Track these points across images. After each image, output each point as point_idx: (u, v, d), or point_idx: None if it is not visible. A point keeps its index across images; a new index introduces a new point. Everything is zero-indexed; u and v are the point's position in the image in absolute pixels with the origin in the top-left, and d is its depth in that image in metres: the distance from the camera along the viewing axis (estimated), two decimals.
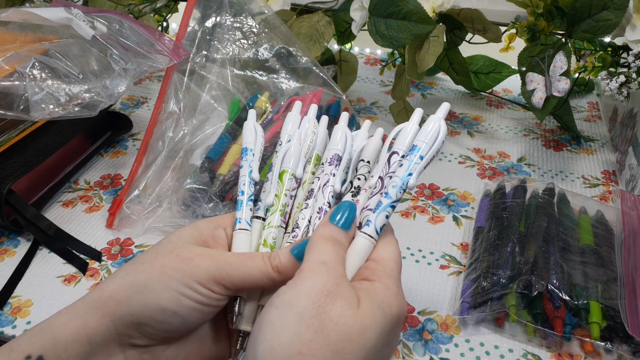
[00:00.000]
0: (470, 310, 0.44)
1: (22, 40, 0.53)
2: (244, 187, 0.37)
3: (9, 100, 0.46)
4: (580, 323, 0.42)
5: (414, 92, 0.81)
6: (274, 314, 0.27)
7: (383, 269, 0.31)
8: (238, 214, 0.36)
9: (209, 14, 0.62)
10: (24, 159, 0.53)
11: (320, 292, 0.27)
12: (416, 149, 0.33)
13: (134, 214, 0.54)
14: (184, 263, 0.30)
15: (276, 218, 0.36)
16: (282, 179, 0.37)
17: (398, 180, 0.33)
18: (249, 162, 0.38)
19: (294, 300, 0.27)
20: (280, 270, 0.31)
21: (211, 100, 0.61)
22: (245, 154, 0.39)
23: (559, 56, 0.55)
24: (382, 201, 0.32)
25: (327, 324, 0.26)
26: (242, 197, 0.37)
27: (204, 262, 0.30)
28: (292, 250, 0.32)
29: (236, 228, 0.36)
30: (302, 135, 0.39)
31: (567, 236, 0.48)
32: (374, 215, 0.32)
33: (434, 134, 0.33)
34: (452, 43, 0.67)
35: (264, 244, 0.35)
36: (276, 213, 0.36)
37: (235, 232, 0.35)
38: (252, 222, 0.37)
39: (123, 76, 0.52)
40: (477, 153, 0.66)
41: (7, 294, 0.47)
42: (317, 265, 0.29)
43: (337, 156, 0.37)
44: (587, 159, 0.66)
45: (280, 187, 0.37)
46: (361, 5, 0.62)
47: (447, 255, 0.51)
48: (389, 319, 0.28)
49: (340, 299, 0.27)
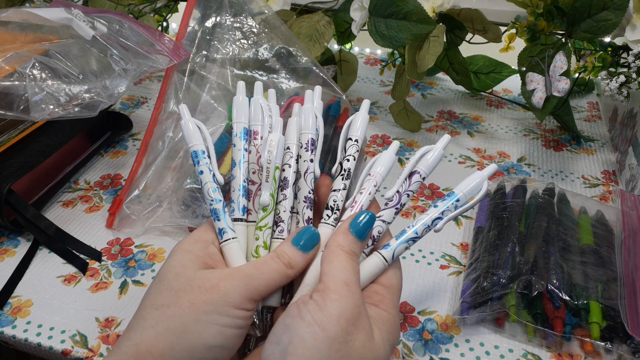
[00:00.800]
0: (470, 310, 0.44)
1: (22, 40, 0.53)
2: (214, 194, 0.35)
3: (9, 101, 0.46)
4: (580, 323, 0.42)
5: (414, 92, 0.81)
6: (306, 331, 0.27)
7: (391, 297, 0.32)
8: (219, 224, 0.34)
9: (209, 14, 0.62)
10: (24, 159, 0.53)
11: (348, 320, 0.28)
12: (454, 197, 0.34)
13: (134, 214, 0.54)
14: (211, 293, 0.30)
15: (272, 218, 0.35)
16: (275, 177, 0.36)
17: (428, 219, 0.34)
18: (207, 166, 0.35)
19: (326, 324, 0.28)
20: (292, 265, 0.32)
21: (211, 100, 0.61)
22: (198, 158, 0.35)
23: (559, 56, 0.55)
24: (406, 231, 0.34)
25: (352, 353, 0.28)
26: (218, 205, 0.35)
27: (229, 284, 0.30)
28: (292, 242, 0.32)
29: (222, 240, 0.34)
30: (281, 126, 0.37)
31: (567, 236, 0.48)
32: (396, 243, 0.33)
33: (475, 190, 0.35)
34: (452, 43, 0.67)
35: (264, 246, 0.35)
36: (272, 213, 0.35)
37: (223, 245, 0.34)
38: (235, 227, 0.35)
39: (123, 76, 0.52)
40: (477, 153, 0.66)
41: (7, 294, 0.47)
42: (342, 287, 0.29)
43: (311, 140, 0.37)
44: (587, 159, 0.66)
45: (274, 185, 0.35)
46: (361, 5, 0.62)
47: (447, 255, 0.51)
48: (391, 347, 0.31)
49: (362, 330, 0.29)
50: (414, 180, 0.35)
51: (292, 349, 0.27)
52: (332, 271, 0.30)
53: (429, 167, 0.36)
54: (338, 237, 0.32)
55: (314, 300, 0.29)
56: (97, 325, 0.45)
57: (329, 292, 0.29)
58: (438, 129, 0.71)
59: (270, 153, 0.35)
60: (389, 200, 0.35)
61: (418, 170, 0.35)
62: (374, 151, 0.67)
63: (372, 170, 0.36)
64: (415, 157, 0.36)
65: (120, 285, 0.48)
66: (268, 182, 0.35)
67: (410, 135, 0.70)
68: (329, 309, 0.28)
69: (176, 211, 0.53)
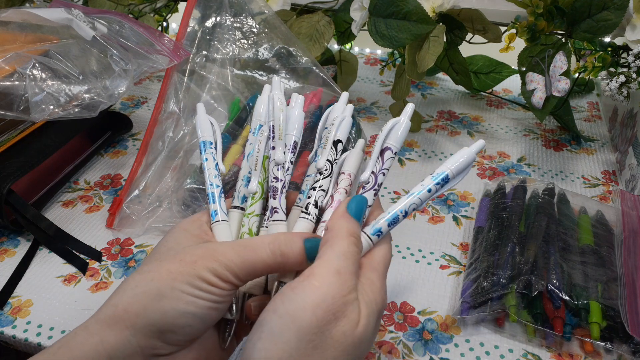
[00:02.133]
0: (470, 310, 0.44)
1: (22, 40, 0.53)
2: (214, 179, 0.37)
3: (9, 101, 0.46)
4: (580, 323, 0.42)
5: (414, 92, 0.81)
6: (276, 323, 0.27)
7: (369, 262, 0.32)
8: (213, 206, 0.36)
9: (209, 14, 0.62)
10: (24, 159, 0.53)
11: (327, 309, 0.27)
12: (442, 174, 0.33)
13: (134, 214, 0.54)
14: (188, 266, 0.30)
15: (259, 206, 0.36)
16: (265, 166, 0.37)
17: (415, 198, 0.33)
18: (212, 155, 0.38)
19: (300, 314, 0.27)
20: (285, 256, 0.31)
21: (211, 100, 0.61)
22: (205, 147, 0.38)
23: (559, 56, 0.55)
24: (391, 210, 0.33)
25: (328, 342, 0.27)
26: (214, 190, 0.37)
27: (205, 264, 0.30)
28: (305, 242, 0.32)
29: (213, 221, 0.35)
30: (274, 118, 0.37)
31: (567, 236, 0.48)
32: (381, 222, 0.33)
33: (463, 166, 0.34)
34: (452, 43, 0.67)
35: (249, 233, 0.35)
36: (260, 201, 0.36)
37: (213, 225, 0.35)
38: (230, 212, 0.37)
39: (123, 77, 0.52)
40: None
41: (7, 294, 0.47)
42: (331, 275, 0.28)
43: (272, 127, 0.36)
44: (587, 159, 0.66)
45: (263, 174, 0.36)
46: (361, 5, 0.62)
47: (447, 255, 0.51)
48: (376, 316, 0.30)
49: (344, 319, 0.27)
50: (387, 157, 0.35)
51: (260, 345, 0.27)
52: (329, 255, 0.29)
53: (398, 141, 0.35)
54: (340, 221, 0.31)
55: (291, 289, 0.28)
56: None
57: (312, 278, 0.28)
58: (438, 129, 0.71)
59: (260, 142, 0.37)
60: (366, 183, 0.35)
61: (389, 146, 0.35)
62: None
63: (344, 168, 0.36)
64: (383, 133, 0.35)
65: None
66: (257, 170, 0.36)
67: (410, 135, 0.70)
68: (305, 297, 0.27)
69: (176, 211, 0.52)
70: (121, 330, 0.29)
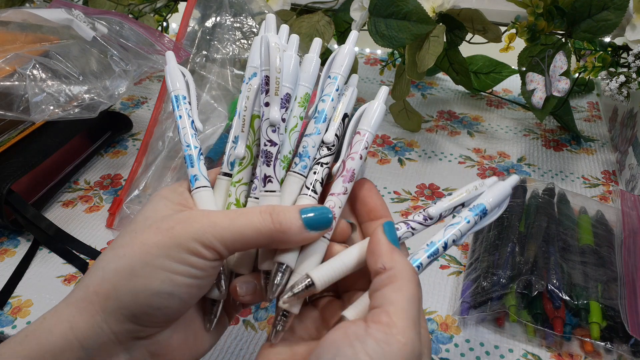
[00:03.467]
0: (470, 310, 0.44)
1: (23, 40, 0.53)
2: (191, 139, 0.32)
3: (9, 101, 0.46)
4: (580, 323, 0.42)
5: (414, 92, 0.81)
6: None
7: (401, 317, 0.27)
8: (192, 170, 0.31)
9: (209, 14, 0.62)
10: (24, 159, 0.53)
11: None
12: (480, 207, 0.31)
13: (134, 214, 0.54)
14: (164, 235, 0.27)
15: (248, 173, 0.31)
16: (253, 126, 0.31)
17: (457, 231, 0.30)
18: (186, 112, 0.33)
19: None
20: (283, 229, 0.27)
21: (211, 100, 0.61)
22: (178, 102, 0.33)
23: (559, 56, 0.55)
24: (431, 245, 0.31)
25: None
26: (192, 152, 0.32)
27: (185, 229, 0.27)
28: (300, 211, 0.28)
29: (194, 187, 0.31)
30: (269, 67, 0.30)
31: (567, 236, 0.48)
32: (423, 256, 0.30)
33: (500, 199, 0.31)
34: (452, 43, 0.67)
35: (237, 203, 0.31)
36: (248, 167, 0.31)
37: (194, 192, 0.31)
38: (218, 180, 0.32)
39: (123, 77, 0.52)
40: (477, 153, 0.66)
41: (7, 294, 0.47)
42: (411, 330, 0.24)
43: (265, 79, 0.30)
44: (587, 159, 0.66)
45: (252, 136, 0.31)
46: (361, 5, 0.62)
47: (447, 255, 0.51)
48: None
49: None
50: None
51: None
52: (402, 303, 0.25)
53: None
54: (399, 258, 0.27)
55: (374, 340, 0.24)
56: None
57: (393, 329, 0.24)
58: (438, 129, 0.71)
59: (247, 99, 0.31)
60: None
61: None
62: (374, 151, 0.67)
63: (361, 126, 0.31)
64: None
65: None
66: (244, 132, 0.31)
67: (411, 135, 0.70)
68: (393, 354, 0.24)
69: None
70: (91, 315, 0.26)
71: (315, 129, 0.31)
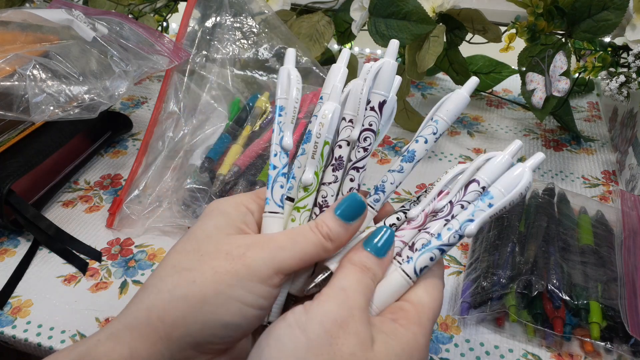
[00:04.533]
0: (470, 310, 0.44)
1: (23, 40, 0.53)
2: (274, 159, 0.31)
3: (9, 101, 0.46)
4: (580, 323, 0.42)
5: (414, 92, 0.81)
6: (285, 332, 0.25)
7: (418, 315, 0.28)
8: (267, 192, 0.30)
9: (209, 14, 0.62)
10: (24, 159, 0.53)
11: (334, 321, 0.25)
12: (487, 196, 0.29)
13: (134, 214, 0.54)
14: (237, 263, 0.26)
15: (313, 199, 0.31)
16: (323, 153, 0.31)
17: (456, 223, 0.29)
18: (279, 126, 0.31)
19: (308, 325, 0.25)
20: (331, 237, 0.28)
21: (211, 100, 0.61)
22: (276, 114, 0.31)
23: (559, 56, 0.55)
24: (431, 241, 0.29)
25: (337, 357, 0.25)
26: (272, 172, 0.31)
27: (257, 255, 0.27)
28: (335, 211, 0.29)
29: (265, 210, 0.30)
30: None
31: (567, 236, 0.48)
32: (417, 254, 0.29)
33: (514, 183, 0.29)
34: (452, 43, 0.67)
35: None
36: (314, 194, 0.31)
37: (264, 216, 0.30)
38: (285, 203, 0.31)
39: (123, 78, 0.52)
40: (477, 153, 0.66)
41: (7, 294, 0.47)
42: (336, 291, 0.27)
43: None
44: (587, 159, 0.66)
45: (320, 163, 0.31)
46: (361, 5, 0.62)
47: (447, 255, 0.51)
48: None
49: (353, 335, 0.25)
50: (470, 190, 0.30)
51: (268, 351, 0.25)
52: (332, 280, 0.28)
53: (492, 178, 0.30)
54: (349, 253, 0.29)
55: (302, 305, 0.26)
56: (97, 325, 0.45)
57: (320, 295, 0.27)
58: None
59: (321, 126, 0.30)
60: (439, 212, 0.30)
61: (478, 179, 0.30)
62: (374, 151, 0.67)
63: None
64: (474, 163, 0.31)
65: (120, 285, 0.48)
66: (314, 159, 0.30)
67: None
68: (314, 310, 0.26)
69: (176, 211, 0.53)
70: (153, 343, 0.26)
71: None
